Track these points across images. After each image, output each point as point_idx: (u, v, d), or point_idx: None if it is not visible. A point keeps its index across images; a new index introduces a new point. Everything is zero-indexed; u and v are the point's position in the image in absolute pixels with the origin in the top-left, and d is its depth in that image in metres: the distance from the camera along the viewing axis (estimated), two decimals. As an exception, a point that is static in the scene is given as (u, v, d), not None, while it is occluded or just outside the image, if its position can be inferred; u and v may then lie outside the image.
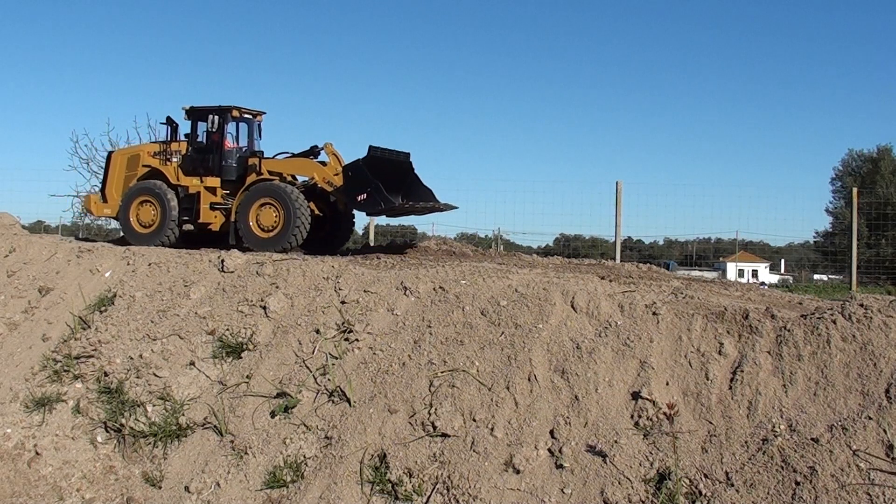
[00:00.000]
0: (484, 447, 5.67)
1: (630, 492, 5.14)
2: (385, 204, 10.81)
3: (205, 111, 11.97)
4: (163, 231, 11.70)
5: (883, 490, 4.61)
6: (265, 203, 11.19)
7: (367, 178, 10.75)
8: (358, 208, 11.32)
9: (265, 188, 11.31)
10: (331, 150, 11.48)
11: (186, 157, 12.01)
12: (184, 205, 11.86)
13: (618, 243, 15.47)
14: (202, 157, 11.92)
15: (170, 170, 12.02)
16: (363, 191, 10.76)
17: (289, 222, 10.95)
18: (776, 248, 47.40)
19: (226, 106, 11.95)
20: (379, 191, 10.64)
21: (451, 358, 6.33)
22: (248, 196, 11.34)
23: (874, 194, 30.04)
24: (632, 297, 6.45)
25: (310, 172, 11.57)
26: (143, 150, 12.49)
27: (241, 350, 7.35)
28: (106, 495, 6.88)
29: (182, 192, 11.90)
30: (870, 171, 39.64)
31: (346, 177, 11.02)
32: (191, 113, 12.15)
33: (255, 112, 12.57)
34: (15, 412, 7.74)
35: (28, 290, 9.50)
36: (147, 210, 11.87)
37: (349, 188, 10.99)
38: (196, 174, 11.89)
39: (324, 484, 5.92)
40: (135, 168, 12.33)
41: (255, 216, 11.20)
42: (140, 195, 11.93)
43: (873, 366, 5.25)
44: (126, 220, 11.97)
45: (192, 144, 12.06)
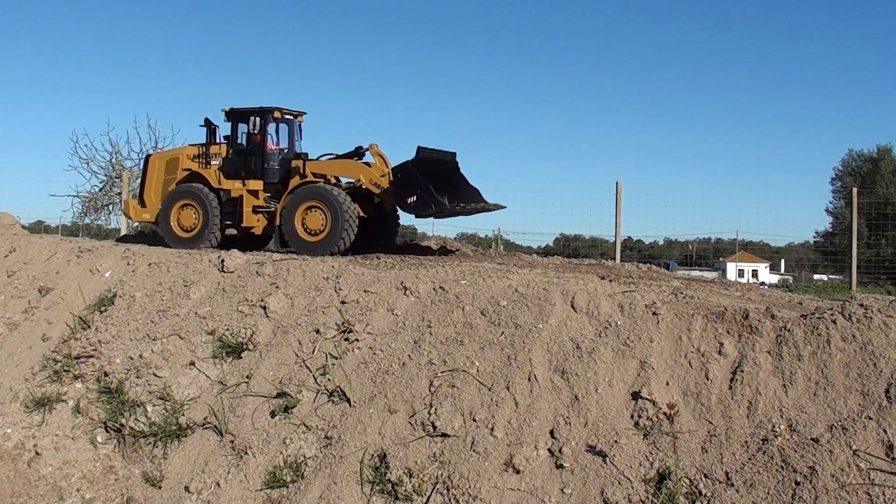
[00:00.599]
0: (484, 447, 5.67)
1: (630, 492, 5.14)
2: (435, 206, 10.64)
3: (246, 113, 11.73)
4: (205, 235, 11.44)
5: (883, 490, 4.61)
6: (311, 206, 10.97)
7: (416, 180, 10.59)
8: (407, 210, 11.05)
9: (311, 191, 11.08)
10: (376, 151, 11.27)
11: (227, 160, 11.77)
12: (226, 208, 11.60)
13: (618, 243, 15.46)
14: (244, 160, 11.68)
15: (211, 173, 11.76)
16: (413, 193, 10.59)
17: (336, 225, 10.75)
18: (776, 248, 47.43)
19: (267, 107, 11.71)
20: (429, 192, 10.49)
21: (451, 358, 6.33)
22: (294, 199, 11.10)
23: (874, 194, 30.02)
24: (632, 297, 6.45)
25: (356, 174, 11.37)
26: (182, 153, 12.24)
27: (241, 350, 7.36)
28: (106, 495, 6.88)
29: (224, 196, 11.64)
30: (870, 171, 39.62)
31: (395, 178, 10.84)
32: (231, 115, 11.89)
33: (295, 113, 12.32)
34: (15, 412, 7.74)
35: (28, 290, 9.51)
36: (188, 214, 11.62)
37: (398, 190, 10.80)
38: (238, 177, 11.65)
39: (324, 484, 5.92)
40: (174, 171, 12.09)
41: (301, 219, 10.99)
42: (181, 198, 11.68)
43: (873, 366, 5.25)
44: (166, 224, 11.73)
45: (233, 147, 11.81)
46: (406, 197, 10.71)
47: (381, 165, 11.25)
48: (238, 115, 11.86)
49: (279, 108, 11.94)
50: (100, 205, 19.36)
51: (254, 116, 11.61)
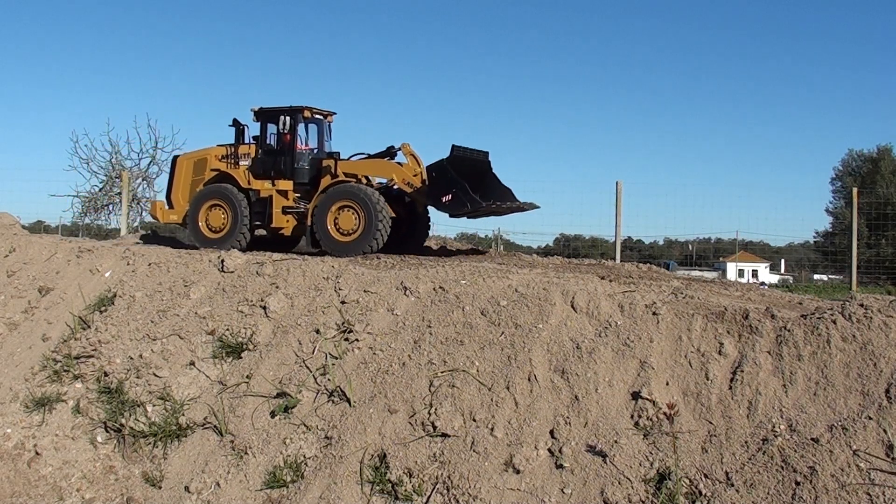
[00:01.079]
0: (484, 447, 5.67)
1: (630, 492, 5.14)
2: (471, 205, 10.54)
3: (275, 112, 11.61)
4: (234, 236, 11.34)
5: (883, 490, 4.61)
6: (344, 206, 10.89)
7: (452, 179, 10.52)
8: (442, 209, 10.96)
9: (344, 190, 11.00)
10: (408, 151, 11.19)
11: (256, 160, 11.65)
12: (255, 209, 11.51)
13: (618, 243, 15.45)
14: (273, 160, 11.56)
15: (240, 173, 11.66)
16: (448, 191, 10.53)
17: (370, 225, 10.68)
18: (776, 248, 47.45)
19: (297, 106, 11.59)
20: (465, 191, 10.43)
21: (451, 358, 6.33)
22: (326, 198, 11.02)
23: (874, 194, 30.01)
24: (632, 297, 6.45)
25: (388, 174, 11.27)
26: (211, 153, 12.07)
27: (241, 350, 7.35)
28: (106, 495, 6.88)
29: (253, 196, 11.55)
30: (870, 171, 39.61)
31: (429, 177, 10.77)
32: (260, 114, 11.77)
33: (325, 112, 12.20)
34: (15, 412, 7.74)
35: (28, 290, 9.51)
36: (217, 214, 11.51)
37: (433, 189, 10.73)
38: (267, 177, 11.53)
39: (324, 484, 5.92)
40: (202, 172, 11.98)
41: (334, 219, 10.92)
42: (209, 199, 11.57)
43: (873, 366, 5.25)
44: (195, 224, 11.61)
45: (262, 147, 11.69)
46: (441, 196, 10.65)
47: (413, 165, 11.16)
48: (267, 115, 11.71)
49: (309, 108, 11.79)
50: (100, 205, 19.36)
51: (283, 116, 11.46)
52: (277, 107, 11.65)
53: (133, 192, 18.43)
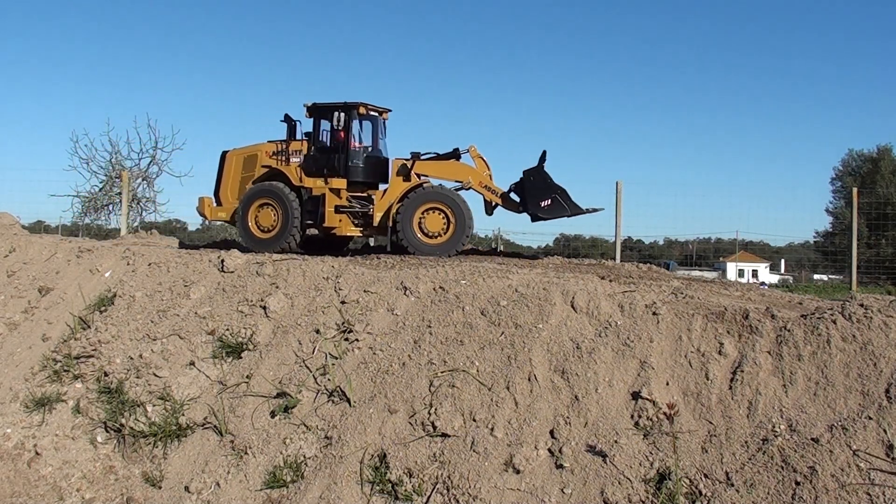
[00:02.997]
0: (484, 447, 5.67)
1: (630, 492, 5.13)
2: (571, 209, 10.68)
3: (329, 108, 11.38)
4: (285, 235, 11.10)
5: (883, 490, 4.61)
6: (432, 208, 10.84)
7: (551, 184, 10.65)
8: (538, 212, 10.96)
9: (433, 193, 10.94)
10: (476, 154, 11.18)
11: (309, 157, 11.42)
12: (307, 207, 11.26)
13: (618, 243, 15.45)
14: (327, 157, 11.33)
15: (291, 170, 11.41)
16: (547, 196, 10.65)
17: (460, 228, 10.71)
18: (776, 248, 47.47)
19: (352, 103, 11.35)
20: (565, 196, 10.56)
21: (451, 358, 6.33)
22: (412, 200, 10.89)
23: (874, 194, 29.99)
24: (632, 297, 6.45)
25: (464, 176, 11.22)
26: (261, 149, 11.78)
27: (241, 350, 7.35)
28: (106, 495, 6.87)
29: (305, 194, 11.31)
30: (870, 171, 39.57)
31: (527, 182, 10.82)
32: (313, 110, 11.53)
33: (380, 109, 11.99)
34: (15, 412, 7.74)
35: (28, 290, 9.51)
36: (267, 213, 11.24)
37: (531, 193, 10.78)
38: (320, 175, 11.30)
39: (324, 484, 5.91)
40: (252, 169, 11.70)
41: (419, 221, 10.85)
42: (259, 197, 11.29)
43: (873, 366, 5.25)
44: (244, 224, 11.34)
45: (315, 143, 11.48)
46: (540, 200, 10.74)
47: (482, 167, 11.19)
48: (321, 111, 11.50)
49: (364, 104, 11.57)
50: (100, 205, 19.32)
51: (338, 112, 11.25)
52: (332, 102, 11.40)
53: (133, 192, 18.41)
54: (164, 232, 15.46)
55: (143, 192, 19.23)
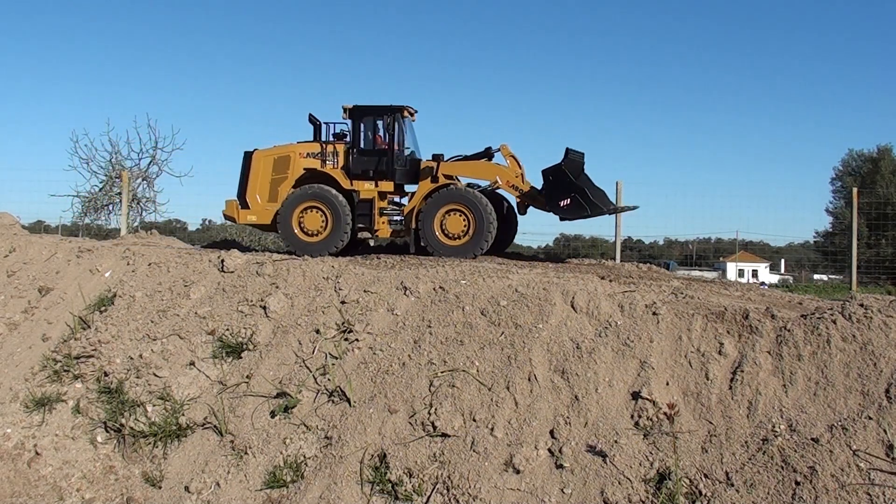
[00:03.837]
0: (484, 447, 5.67)
1: (630, 492, 5.13)
2: (591, 209, 10.46)
3: (374, 110, 11.34)
4: (335, 239, 11.02)
5: (883, 490, 4.61)
6: (452, 209, 10.73)
7: (570, 183, 10.45)
8: (559, 213, 10.83)
9: (453, 194, 10.83)
10: (508, 153, 11.06)
11: (354, 160, 11.31)
12: (359, 212, 11.17)
13: (618, 243, 15.43)
14: (375, 160, 11.25)
15: (339, 173, 11.30)
16: (567, 195, 10.46)
17: (480, 229, 10.58)
18: (776, 248, 47.48)
19: (397, 105, 11.30)
20: (584, 195, 10.36)
21: (451, 358, 6.32)
22: (434, 202, 10.81)
23: (874, 194, 29.97)
24: (632, 297, 6.45)
25: (491, 176, 11.11)
26: (294, 150, 11.55)
27: (241, 350, 7.35)
28: (106, 495, 6.87)
29: (356, 198, 11.22)
30: (870, 171, 39.54)
31: (545, 181, 10.66)
32: (354, 112, 11.44)
33: (413, 111, 11.99)
34: (15, 412, 7.74)
35: (28, 290, 9.50)
36: (314, 217, 11.10)
37: (550, 193, 10.62)
38: (367, 178, 11.24)
39: (324, 484, 5.91)
40: (284, 170, 11.47)
41: (441, 223, 10.76)
42: (305, 201, 11.12)
43: (873, 366, 5.25)
44: (288, 228, 11.18)
45: (356, 146, 11.37)
46: (559, 200, 10.56)
47: (514, 166, 11.06)
48: (363, 113, 11.42)
49: (407, 107, 11.51)
50: (100, 205, 19.30)
51: (386, 115, 11.23)
52: (375, 105, 11.35)
53: (133, 192, 18.40)
54: (164, 232, 15.42)
55: (143, 192, 19.22)
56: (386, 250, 12.20)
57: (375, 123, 11.38)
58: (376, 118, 11.35)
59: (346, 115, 11.52)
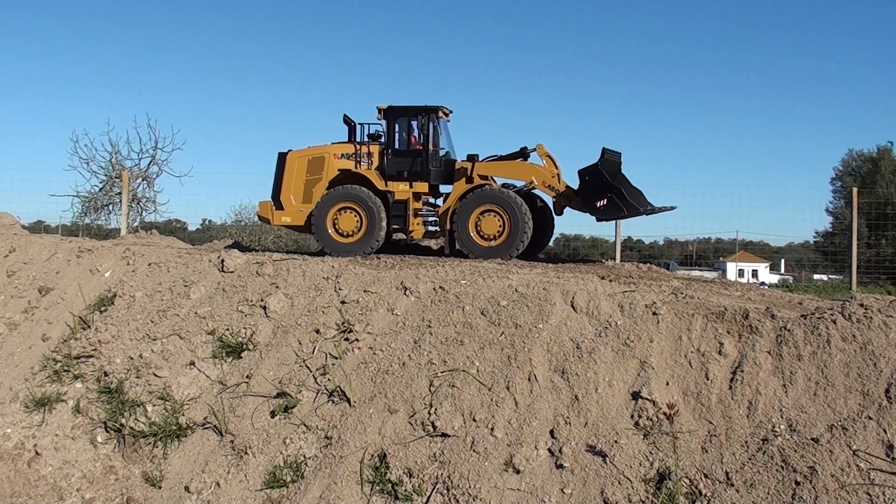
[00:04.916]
0: (484, 447, 5.67)
1: (630, 492, 5.13)
2: (628, 210, 10.33)
3: (410, 111, 11.29)
4: (370, 240, 10.95)
5: (883, 490, 4.61)
6: (487, 210, 10.63)
7: (606, 183, 10.30)
8: (595, 213, 10.75)
9: (488, 194, 10.73)
10: (544, 152, 10.96)
11: (389, 161, 11.27)
12: (394, 213, 11.13)
13: (618, 243, 15.44)
14: (410, 161, 11.19)
15: (373, 174, 11.24)
16: (603, 196, 10.32)
17: (515, 230, 10.48)
18: (776, 248, 47.45)
19: (432, 106, 11.26)
20: (621, 196, 10.22)
21: (451, 358, 6.32)
22: (468, 202, 10.72)
23: (874, 194, 29.97)
24: (632, 297, 6.45)
25: (527, 176, 11.00)
26: (328, 151, 11.52)
27: (241, 350, 7.35)
28: (106, 495, 6.87)
29: (391, 198, 11.16)
30: (870, 171, 39.52)
31: (581, 181, 10.54)
32: (389, 112, 11.38)
33: (448, 111, 11.94)
34: (15, 412, 7.73)
35: (28, 290, 9.50)
36: (349, 218, 11.02)
37: (587, 193, 10.50)
38: (401, 178, 11.19)
39: (324, 484, 5.91)
40: (318, 171, 11.42)
41: (475, 223, 10.67)
42: (340, 201, 11.05)
43: (873, 366, 5.25)
44: (322, 228, 11.12)
45: (391, 146, 11.32)
46: (595, 200, 10.43)
47: (550, 166, 10.96)
48: (398, 113, 11.36)
49: (442, 107, 11.44)
50: (100, 205, 19.31)
51: (421, 115, 11.17)
52: (411, 105, 11.30)
53: (133, 192, 18.40)
54: (164, 232, 15.42)
55: (143, 192, 19.23)
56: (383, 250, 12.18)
57: (410, 124, 11.33)
58: (411, 118, 11.30)
59: (380, 116, 11.48)
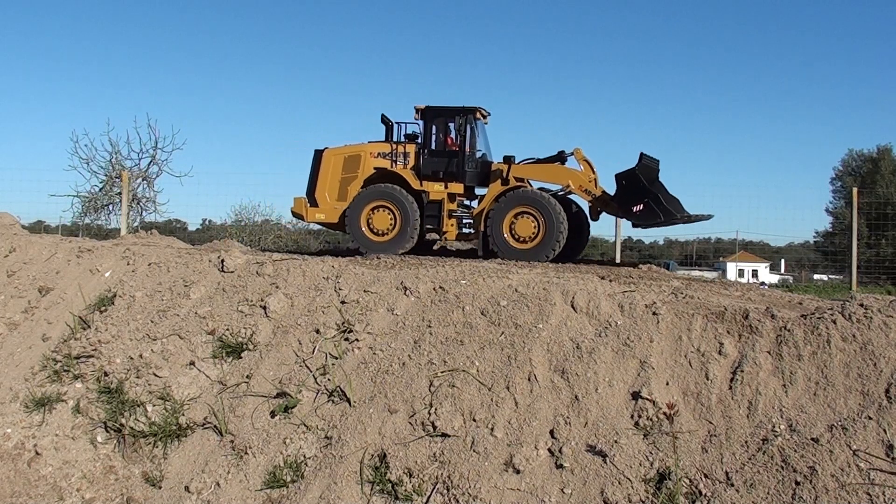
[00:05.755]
0: (484, 447, 5.67)
1: (630, 492, 5.13)
2: (664, 216, 10.21)
3: (447, 112, 11.29)
4: (403, 239, 10.96)
5: (883, 490, 4.61)
6: (522, 212, 10.57)
7: (643, 188, 10.23)
8: (631, 219, 10.69)
9: (524, 196, 10.68)
10: (581, 156, 10.90)
11: (425, 160, 11.26)
12: (428, 213, 11.13)
13: (618, 243, 15.45)
14: (446, 161, 11.17)
15: (408, 173, 11.23)
16: (640, 201, 10.24)
17: (550, 233, 10.41)
18: (776, 248, 47.48)
19: (470, 107, 11.25)
20: (657, 201, 10.14)
21: (451, 358, 6.33)
22: (503, 203, 10.68)
23: (874, 194, 30.02)
24: (632, 297, 6.45)
25: (563, 180, 10.96)
26: (365, 150, 11.55)
27: (241, 350, 7.35)
28: (106, 495, 6.88)
29: (425, 198, 11.16)
30: (870, 171, 39.56)
31: (618, 186, 10.46)
32: (427, 113, 11.38)
33: (486, 113, 11.95)
34: (15, 412, 7.74)
35: (28, 290, 9.50)
36: (383, 216, 11.05)
37: (623, 198, 10.42)
38: (437, 179, 11.17)
39: (324, 484, 5.91)
40: (354, 169, 11.45)
41: (510, 225, 10.61)
42: (374, 200, 11.09)
43: (873, 366, 5.25)
44: (357, 227, 11.15)
45: (428, 146, 11.31)
46: (632, 205, 10.35)
47: (587, 171, 10.91)
48: (435, 114, 11.36)
49: (480, 109, 11.43)
50: (100, 205, 19.33)
51: (459, 116, 11.15)
52: (449, 106, 11.31)
53: (133, 192, 18.41)
54: (164, 232, 15.44)
55: (143, 192, 19.25)
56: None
57: (447, 124, 11.31)
58: (448, 119, 11.27)
59: (417, 116, 11.49)
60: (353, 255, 10.76)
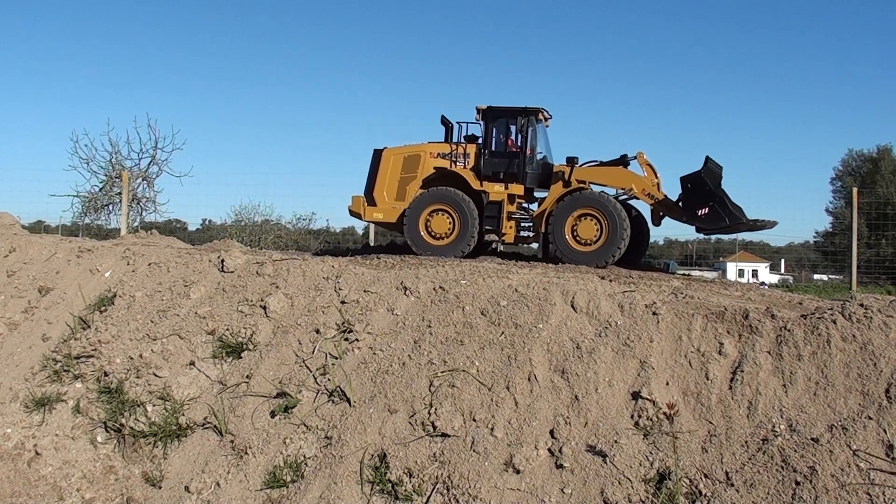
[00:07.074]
0: (484, 447, 5.67)
1: (630, 492, 5.13)
2: (730, 220, 10.11)
3: (509, 112, 11.26)
4: (462, 242, 10.91)
5: (883, 490, 4.61)
6: (585, 214, 10.51)
7: (709, 192, 10.15)
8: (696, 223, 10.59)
9: (587, 198, 10.61)
10: (644, 161, 10.87)
11: (485, 161, 11.23)
12: (487, 213, 11.07)
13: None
14: (507, 162, 11.14)
15: (469, 173, 11.19)
16: (705, 205, 10.17)
17: (613, 236, 10.33)
18: (776, 248, 47.47)
19: (532, 108, 11.22)
20: (723, 205, 10.06)
21: (451, 358, 6.32)
22: (566, 205, 10.61)
23: (874, 194, 30.00)
24: (632, 297, 6.45)
25: (626, 183, 10.91)
26: (424, 150, 11.52)
27: (241, 350, 7.35)
28: (106, 495, 6.87)
29: (485, 199, 11.11)
30: (870, 171, 39.55)
31: (683, 189, 10.42)
32: (488, 113, 11.34)
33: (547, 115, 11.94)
34: (15, 412, 7.74)
35: (28, 290, 9.50)
36: (441, 220, 11.01)
37: (688, 201, 10.36)
38: (497, 180, 11.14)
39: (324, 484, 5.91)
40: (413, 169, 11.41)
41: (572, 228, 10.55)
42: (433, 203, 11.05)
43: (873, 366, 5.25)
44: (415, 230, 11.12)
45: (489, 147, 11.28)
46: (697, 209, 10.28)
47: (650, 175, 10.87)
48: (497, 114, 11.32)
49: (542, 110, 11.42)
50: (100, 205, 19.33)
51: (520, 117, 11.13)
52: (511, 107, 11.28)
53: (133, 192, 18.42)
54: (164, 232, 15.44)
55: (143, 192, 19.25)
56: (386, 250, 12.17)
57: (508, 126, 11.27)
58: (509, 120, 11.24)
59: (478, 117, 11.45)
60: (352, 255, 10.77)
